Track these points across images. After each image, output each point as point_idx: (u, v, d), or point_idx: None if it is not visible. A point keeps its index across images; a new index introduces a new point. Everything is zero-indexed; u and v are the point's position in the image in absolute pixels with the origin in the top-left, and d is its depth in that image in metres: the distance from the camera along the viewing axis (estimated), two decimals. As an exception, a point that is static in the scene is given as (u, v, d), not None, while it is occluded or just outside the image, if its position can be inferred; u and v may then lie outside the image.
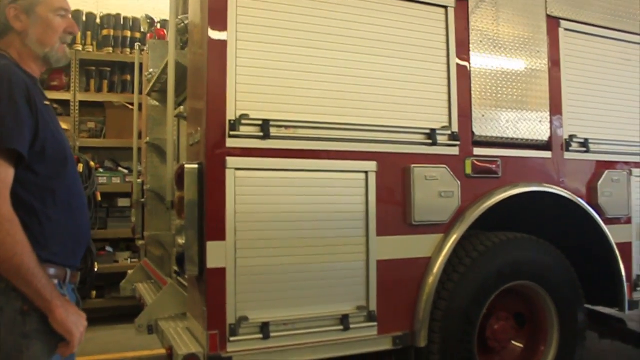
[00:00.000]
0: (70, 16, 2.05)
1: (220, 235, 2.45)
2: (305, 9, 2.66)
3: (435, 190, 2.89)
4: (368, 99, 2.78)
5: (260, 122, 2.53)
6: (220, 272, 2.44)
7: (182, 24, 3.01)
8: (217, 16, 2.50)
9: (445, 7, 3.00)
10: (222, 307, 2.45)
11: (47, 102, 1.96)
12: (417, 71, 2.91)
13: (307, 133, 2.63)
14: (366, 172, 2.74)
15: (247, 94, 2.53)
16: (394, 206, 2.84)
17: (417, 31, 2.93)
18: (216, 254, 2.44)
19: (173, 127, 2.92)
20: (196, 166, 2.49)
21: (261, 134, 2.53)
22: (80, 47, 5.83)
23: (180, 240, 2.54)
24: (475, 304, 2.95)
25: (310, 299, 2.62)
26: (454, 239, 2.91)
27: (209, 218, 2.45)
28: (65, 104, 5.79)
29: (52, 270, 1.83)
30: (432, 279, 2.86)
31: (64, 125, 5.58)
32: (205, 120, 2.48)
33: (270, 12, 2.59)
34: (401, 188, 2.85)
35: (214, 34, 2.49)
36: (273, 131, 2.55)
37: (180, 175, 2.55)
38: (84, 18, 5.88)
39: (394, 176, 2.83)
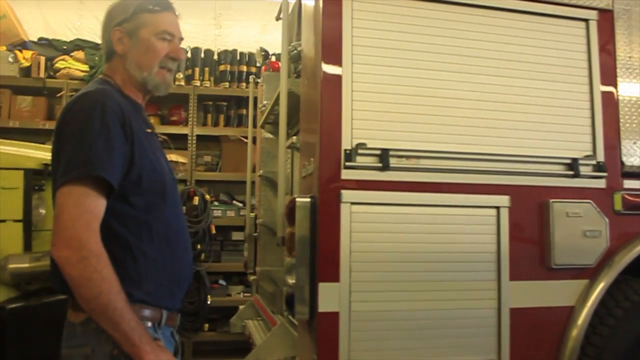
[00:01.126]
0: (177, 42, 1.94)
1: (334, 276, 2.22)
2: (425, 28, 2.42)
3: (578, 229, 2.51)
4: (498, 126, 2.47)
5: (378, 152, 2.30)
6: (333, 317, 2.21)
7: (295, 51, 2.88)
8: (331, 52, 2.32)
9: (586, 21, 2.64)
10: (334, 355, 2.21)
11: (149, 130, 1.86)
12: (554, 93, 2.57)
13: (431, 164, 2.36)
14: (497, 208, 2.42)
15: (364, 121, 2.31)
16: (530, 247, 2.48)
17: (553, 48, 2.59)
18: (329, 297, 2.21)
19: (286, 158, 2.77)
20: (308, 200, 2.30)
21: (380, 164, 2.30)
22: (198, 83, 5.95)
23: (290, 280, 2.35)
24: (628, 363, 2.50)
25: (432, 350, 2.32)
26: (601, 286, 2.50)
27: (322, 257, 2.23)
28: (183, 138, 5.91)
29: (146, 312, 1.70)
30: (576, 332, 2.46)
31: (180, 159, 5.72)
32: (318, 149, 2.30)
33: (387, 36, 2.38)
34: (538, 226, 2.50)
35: (328, 68, 2.32)
36: (393, 161, 2.31)
37: (291, 209, 2.37)
38: (202, 55, 6.01)
39: (529, 212, 2.49)
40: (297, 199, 2.32)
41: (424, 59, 2.40)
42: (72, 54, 5.81)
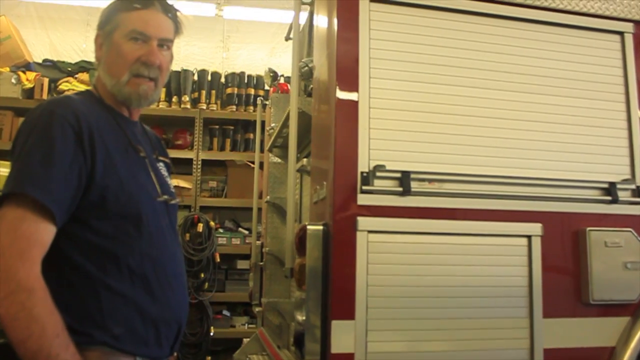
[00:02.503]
0: (153, 43, 1.66)
1: (349, 313, 1.99)
2: (449, 41, 2.23)
3: (618, 260, 2.27)
4: (529, 147, 2.26)
5: (398, 175, 2.09)
6: (347, 359, 1.97)
7: (306, 68, 2.69)
8: (347, 74, 2.12)
9: (621, 34, 2.45)
10: (349, 402, 1.97)
11: (139, 148, 1.64)
12: (588, 112, 2.36)
13: (455, 188, 2.14)
14: (529, 237, 2.19)
15: (382, 141, 2.11)
16: (565, 280, 2.25)
17: (586, 63, 2.39)
18: (343, 336, 1.97)
19: (295, 182, 2.56)
20: (320, 228, 2.08)
21: (400, 188, 2.08)
22: (204, 106, 5.78)
23: (300, 317, 2.11)
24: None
25: (458, 396, 2.08)
26: (645, 324, 2.26)
27: (335, 291, 2.00)
28: (187, 162, 5.72)
29: (113, 359, 1.43)
30: (618, 375, 2.21)
31: (184, 184, 5.52)
32: (332, 172, 2.08)
33: (406, 54, 2.18)
34: (573, 257, 2.26)
35: (343, 90, 2.12)
36: (414, 185, 2.09)
37: (301, 238, 2.15)
38: (209, 77, 5.85)
39: (564, 242, 2.26)
40: (308, 227, 2.10)
41: (448, 74, 2.20)
42: (76, 75, 5.67)
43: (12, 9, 5.86)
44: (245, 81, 5.96)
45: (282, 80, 4.67)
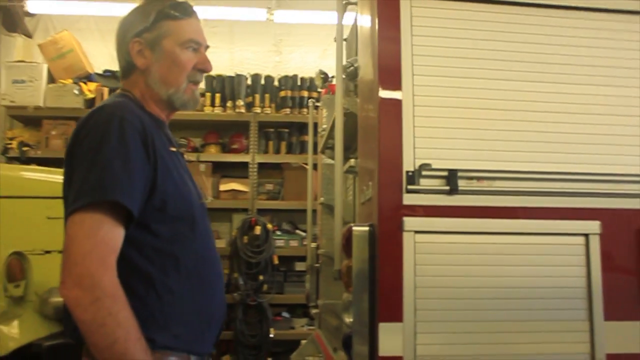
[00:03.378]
0: (203, 50, 1.72)
1: (396, 316, 1.95)
2: (495, 33, 2.15)
3: (684, 260, 2.13)
4: (585, 141, 2.15)
5: (445, 173, 2.03)
6: (396, 362, 1.94)
7: (352, 67, 2.66)
8: (389, 76, 2.08)
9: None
10: (398, 406, 1.93)
11: (173, 149, 1.66)
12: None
13: (506, 185, 2.06)
14: (586, 235, 2.08)
15: (428, 139, 2.05)
16: (628, 280, 2.12)
17: (631, 50, 2.25)
18: (390, 339, 1.93)
19: (344, 183, 2.54)
20: (366, 229, 2.05)
21: (447, 187, 2.02)
22: (258, 110, 5.84)
23: (348, 319, 2.09)
24: None
25: (512, 402, 2.00)
26: None
27: (382, 293, 1.97)
28: (244, 166, 5.80)
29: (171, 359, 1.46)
30: (689, 383, 2.08)
31: (241, 187, 5.59)
32: (377, 172, 2.05)
33: (450, 46, 2.12)
34: (636, 255, 2.13)
35: (387, 88, 2.08)
36: (462, 184, 2.03)
37: (347, 239, 2.13)
38: (263, 81, 5.91)
39: (625, 240, 2.13)
40: (354, 228, 2.08)
41: (493, 68, 2.12)
42: (134, 84, 5.84)
43: (73, 24, 6.11)
44: (299, 83, 5.98)
45: (333, 82, 4.65)
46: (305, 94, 5.94)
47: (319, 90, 5.48)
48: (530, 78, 2.13)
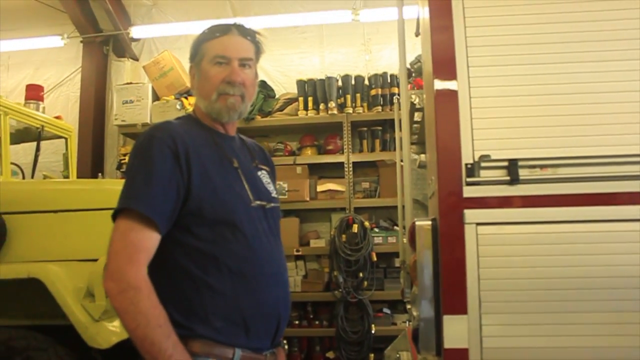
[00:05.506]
0: (235, 64, 1.82)
1: (461, 308, 1.96)
2: (550, 25, 2.06)
3: None
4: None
5: (505, 163, 2.00)
6: (462, 355, 1.94)
7: (419, 63, 2.68)
8: (444, 68, 2.09)
9: None
10: (467, 400, 1.93)
11: (234, 161, 1.81)
12: None
13: (572, 172, 1.99)
14: (664, 221, 1.96)
15: (486, 130, 2.03)
16: None
17: None
18: (455, 331, 1.95)
19: (410, 178, 2.56)
20: (429, 222, 2.07)
21: (508, 177, 1.99)
22: (350, 110, 5.92)
23: (415, 312, 2.12)
24: None
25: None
26: None
27: (446, 286, 1.98)
28: (339, 166, 5.91)
29: (215, 349, 1.63)
30: None
31: (338, 187, 5.68)
32: (436, 165, 2.06)
33: (506, 30, 2.08)
34: None
35: (441, 85, 2.09)
36: (523, 173, 1.99)
37: (412, 234, 2.15)
38: (353, 81, 5.98)
39: None
40: (417, 223, 2.11)
41: (551, 52, 2.05)
42: (233, 96, 6.13)
43: (173, 43, 6.58)
44: (388, 81, 5.99)
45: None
46: (396, 90, 5.91)
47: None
48: (586, 59, 2.04)
